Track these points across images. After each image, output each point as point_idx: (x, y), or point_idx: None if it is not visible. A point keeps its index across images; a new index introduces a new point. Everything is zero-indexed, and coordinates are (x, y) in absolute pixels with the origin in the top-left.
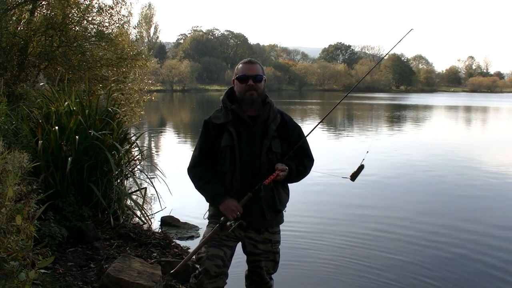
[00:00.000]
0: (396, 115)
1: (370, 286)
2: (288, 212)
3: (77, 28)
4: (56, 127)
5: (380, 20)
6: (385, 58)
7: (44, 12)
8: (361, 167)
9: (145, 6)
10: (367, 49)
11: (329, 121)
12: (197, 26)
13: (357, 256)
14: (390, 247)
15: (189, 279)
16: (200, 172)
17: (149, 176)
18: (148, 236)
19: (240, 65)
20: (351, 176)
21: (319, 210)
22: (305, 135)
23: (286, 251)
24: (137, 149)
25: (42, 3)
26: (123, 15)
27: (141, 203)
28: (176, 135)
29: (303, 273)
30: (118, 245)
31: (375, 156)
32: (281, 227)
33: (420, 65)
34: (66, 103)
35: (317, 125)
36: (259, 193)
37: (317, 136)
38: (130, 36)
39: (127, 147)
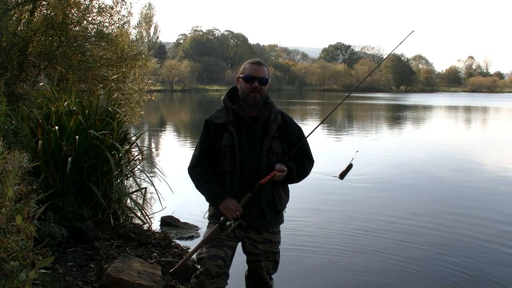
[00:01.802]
0: (397, 116)
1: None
2: (292, 210)
3: (77, 28)
4: (56, 127)
5: (380, 20)
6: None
7: (44, 12)
8: (349, 166)
9: (145, 6)
10: (367, 49)
11: (329, 121)
12: (197, 26)
13: (365, 247)
14: (392, 238)
15: (189, 279)
16: (201, 172)
17: (149, 176)
18: (148, 236)
19: (248, 64)
20: (340, 175)
21: (319, 208)
22: (306, 136)
23: (288, 247)
24: (137, 149)
25: (42, 3)
26: (123, 15)
27: (141, 203)
28: (176, 135)
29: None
30: (118, 245)
31: (377, 156)
32: (285, 224)
33: (420, 65)
34: (66, 103)
35: (317, 126)
36: (257, 193)
37: (316, 137)
38: (130, 36)
39: (127, 147)
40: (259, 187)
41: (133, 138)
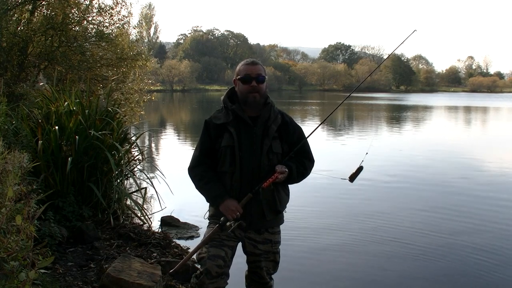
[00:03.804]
0: (398, 116)
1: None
2: (294, 211)
3: (77, 28)
4: (56, 127)
5: (380, 20)
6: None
7: (44, 12)
8: (360, 169)
9: (145, 6)
10: (367, 49)
11: (329, 121)
12: (197, 26)
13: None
14: (392, 240)
15: (190, 279)
16: (200, 172)
17: (149, 176)
18: (148, 236)
19: (243, 66)
20: (349, 178)
21: (320, 208)
22: (306, 136)
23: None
24: (137, 149)
25: (42, 3)
26: (123, 15)
27: (141, 203)
28: (176, 135)
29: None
30: (118, 245)
31: (379, 156)
32: (286, 225)
33: (420, 65)
34: (66, 103)
35: (318, 126)
36: (258, 196)
37: (317, 137)
38: (130, 36)
39: (127, 147)
40: (262, 191)
41: (133, 138)
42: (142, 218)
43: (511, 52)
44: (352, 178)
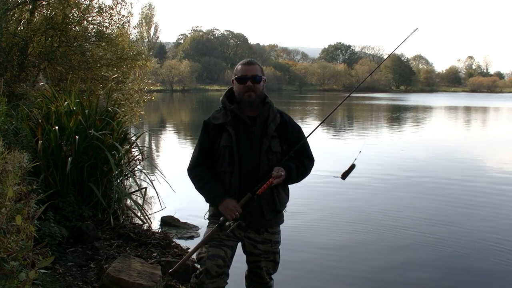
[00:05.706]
0: (399, 116)
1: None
2: (293, 210)
3: (77, 28)
4: (56, 127)
5: (380, 20)
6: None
7: (44, 12)
8: (352, 167)
9: (145, 6)
10: (367, 49)
11: (328, 121)
12: (197, 26)
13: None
14: (386, 239)
15: (189, 279)
16: (200, 173)
17: (149, 176)
18: (148, 236)
19: (240, 66)
20: (342, 175)
21: (321, 208)
22: (306, 135)
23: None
24: (137, 149)
25: (42, 3)
26: (123, 15)
27: (141, 203)
28: (176, 135)
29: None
30: (118, 245)
31: (381, 156)
32: (286, 224)
33: (420, 65)
34: (66, 103)
35: (317, 126)
36: (253, 202)
37: (316, 136)
38: (130, 36)
39: (127, 147)
40: (257, 198)
41: (133, 138)
42: (142, 218)
43: (511, 52)
44: (344, 176)
